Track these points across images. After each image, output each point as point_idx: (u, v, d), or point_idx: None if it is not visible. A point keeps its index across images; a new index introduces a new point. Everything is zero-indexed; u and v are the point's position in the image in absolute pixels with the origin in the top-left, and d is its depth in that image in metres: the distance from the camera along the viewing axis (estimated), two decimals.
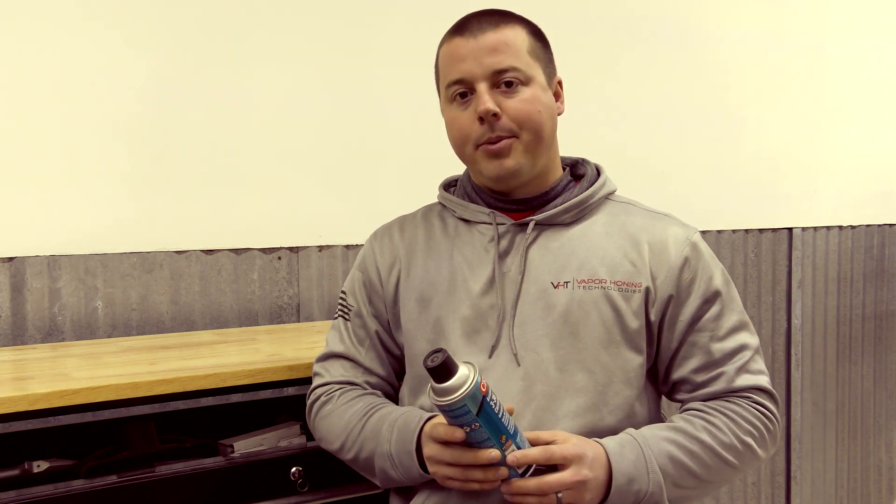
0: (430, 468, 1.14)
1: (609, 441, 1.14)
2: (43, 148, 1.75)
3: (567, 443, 1.10)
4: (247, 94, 1.95)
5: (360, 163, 2.10)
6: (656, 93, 2.62)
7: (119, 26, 1.81)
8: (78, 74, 1.77)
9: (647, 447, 1.14)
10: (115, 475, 1.33)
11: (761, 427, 1.21)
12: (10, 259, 1.72)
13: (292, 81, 2.00)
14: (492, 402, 1.05)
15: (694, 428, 1.18)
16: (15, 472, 1.36)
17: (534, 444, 1.10)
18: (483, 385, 1.04)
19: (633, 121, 2.56)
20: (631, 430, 1.17)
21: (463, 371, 1.04)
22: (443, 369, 1.03)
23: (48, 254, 1.75)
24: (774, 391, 1.25)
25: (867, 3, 3.17)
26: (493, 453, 1.07)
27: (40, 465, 1.36)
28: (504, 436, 1.06)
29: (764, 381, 1.24)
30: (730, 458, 1.18)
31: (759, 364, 1.25)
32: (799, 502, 2.99)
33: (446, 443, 1.10)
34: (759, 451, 1.22)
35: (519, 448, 1.08)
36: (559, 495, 1.08)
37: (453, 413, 1.05)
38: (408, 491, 1.26)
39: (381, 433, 1.20)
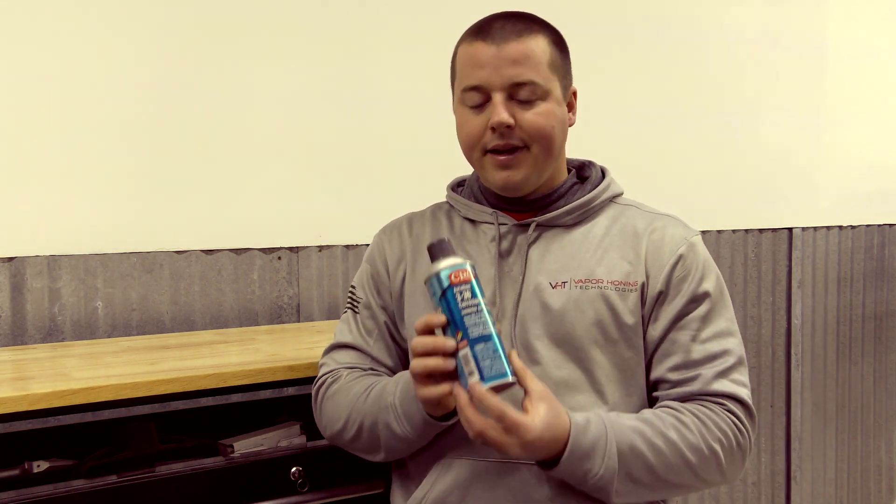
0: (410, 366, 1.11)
1: (577, 416, 1.11)
2: (43, 148, 1.75)
3: (532, 414, 1.05)
4: (247, 94, 1.95)
5: (360, 163, 2.10)
6: (656, 93, 2.62)
7: (120, 27, 1.81)
8: (78, 74, 1.77)
9: (612, 431, 1.12)
10: (115, 475, 1.33)
11: (732, 438, 1.18)
12: (10, 259, 1.72)
13: (293, 81, 2.00)
14: (458, 296, 1.06)
15: (662, 423, 1.15)
16: (15, 472, 1.36)
17: (519, 375, 1.05)
18: (456, 275, 1.07)
19: (633, 121, 2.56)
20: (600, 411, 1.16)
21: (452, 259, 1.08)
22: (436, 249, 1.10)
23: (48, 254, 1.75)
24: (753, 407, 1.21)
25: (867, 2, 3.17)
26: (449, 342, 1.05)
27: (40, 465, 1.36)
28: (460, 333, 1.05)
29: (743, 393, 1.20)
30: (692, 459, 1.15)
31: (742, 376, 1.22)
32: (799, 502, 2.99)
33: (428, 332, 1.08)
34: (724, 461, 1.17)
35: (475, 357, 1.04)
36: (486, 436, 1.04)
37: (429, 293, 1.10)
38: (410, 487, 1.26)
39: (386, 389, 1.20)
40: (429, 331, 1.07)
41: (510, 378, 1.04)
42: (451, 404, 1.10)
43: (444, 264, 1.08)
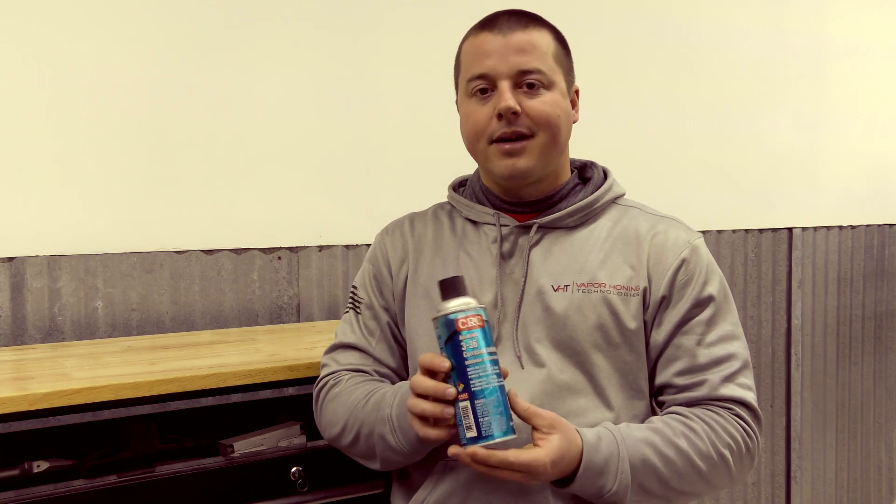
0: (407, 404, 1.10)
1: (588, 433, 1.12)
2: (43, 148, 1.75)
3: (544, 446, 1.05)
4: (247, 94, 1.95)
5: (360, 163, 2.10)
6: (656, 93, 2.62)
7: (121, 27, 1.81)
8: (78, 75, 1.77)
9: (623, 446, 1.12)
10: (115, 475, 1.33)
11: (740, 441, 1.19)
12: (10, 259, 1.72)
13: (293, 81, 2.00)
14: (463, 343, 1.02)
15: (672, 432, 1.16)
16: (15, 472, 1.36)
17: (524, 416, 1.06)
18: (464, 322, 1.02)
19: (633, 121, 2.56)
20: (610, 425, 1.16)
21: (463, 301, 1.04)
22: (448, 287, 1.05)
23: (48, 254, 1.75)
24: (759, 411, 1.22)
25: (867, 2, 3.17)
26: (450, 390, 1.03)
27: (40, 465, 1.36)
28: (462, 384, 1.02)
29: (750, 397, 1.21)
30: (703, 467, 1.16)
31: (747, 379, 1.22)
32: (799, 502, 2.99)
33: (430, 373, 1.06)
34: (733, 467, 1.19)
35: (474, 411, 1.02)
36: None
37: (435, 332, 1.05)
38: (410, 489, 1.26)
39: (385, 399, 1.20)
40: (431, 371, 1.06)
41: (510, 436, 1.03)
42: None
43: (454, 305, 1.04)
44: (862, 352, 3.22)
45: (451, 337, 1.03)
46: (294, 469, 1.42)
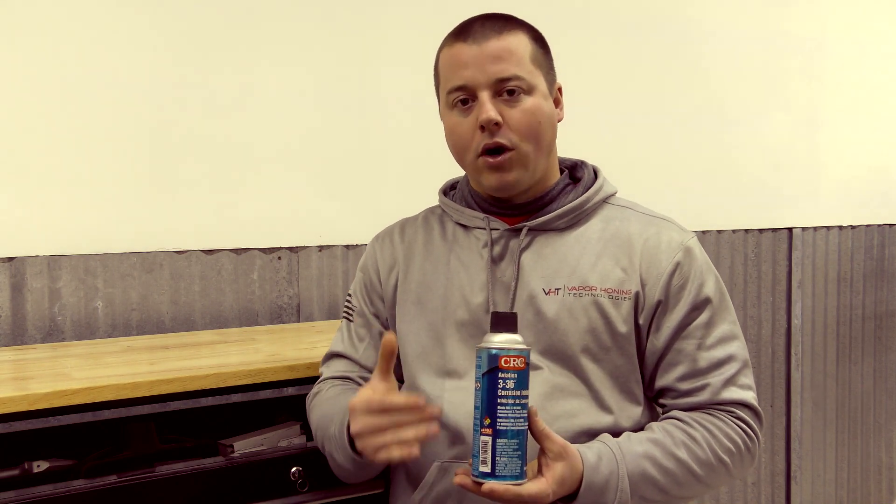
0: (360, 443, 1.10)
1: (590, 453, 1.12)
2: (43, 148, 1.75)
3: (547, 474, 1.07)
4: (247, 94, 1.95)
5: (360, 163, 2.10)
6: (655, 93, 2.62)
7: (121, 27, 1.81)
8: (78, 75, 1.77)
9: (623, 463, 1.13)
10: (115, 475, 1.33)
11: (741, 444, 1.20)
12: (10, 259, 1.72)
13: (293, 81, 2.00)
14: (501, 382, 1.03)
15: (673, 442, 1.16)
16: (15, 472, 1.36)
17: (538, 437, 1.07)
18: (507, 361, 1.03)
19: (633, 121, 2.56)
20: (610, 441, 1.16)
21: (511, 338, 1.04)
22: (500, 320, 1.05)
23: (48, 254, 1.75)
24: (760, 409, 1.22)
25: (867, 3, 3.17)
26: (432, 408, 1.07)
27: (40, 465, 1.36)
28: (489, 419, 1.03)
29: (750, 396, 1.21)
30: (702, 474, 1.17)
31: (747, 378, 1.23)
32: (799, 502, 2.99)
33: (383, 411, 1.07)
34: (733, 469, 1.20)
35: (494, 449, 1.03)
36: None
37: (475, 360, 1.06)
38: (408, 489, 1.26)
39: (334, 419, 1.21)
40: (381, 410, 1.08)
41: (520, 480, 1.04)
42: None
43: (501, 341, 1.04)
44: (862, 352, 3.22)
45: (491, 371, 1.03)
46: (294, 469, 1.42)
